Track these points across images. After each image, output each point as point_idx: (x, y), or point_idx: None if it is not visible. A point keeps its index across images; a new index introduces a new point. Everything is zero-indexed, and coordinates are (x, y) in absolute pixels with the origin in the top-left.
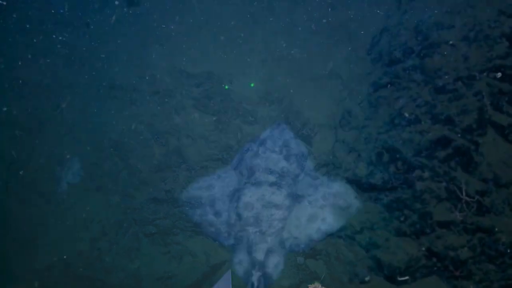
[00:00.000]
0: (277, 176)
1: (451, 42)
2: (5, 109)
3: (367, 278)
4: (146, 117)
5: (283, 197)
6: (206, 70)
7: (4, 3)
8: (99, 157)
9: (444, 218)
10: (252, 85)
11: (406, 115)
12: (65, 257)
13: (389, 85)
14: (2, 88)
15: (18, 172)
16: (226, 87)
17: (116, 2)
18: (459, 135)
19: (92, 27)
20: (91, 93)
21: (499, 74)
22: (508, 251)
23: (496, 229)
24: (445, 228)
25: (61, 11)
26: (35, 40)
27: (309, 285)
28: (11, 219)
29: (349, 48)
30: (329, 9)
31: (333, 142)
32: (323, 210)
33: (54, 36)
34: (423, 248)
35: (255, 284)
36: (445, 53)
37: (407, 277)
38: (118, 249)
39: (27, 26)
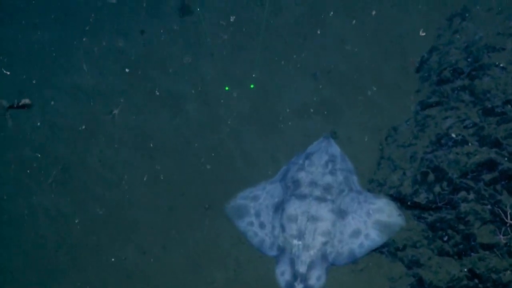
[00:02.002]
0: (322, 190)
1: (501, 65)
2: (56, 110)
3: None
4: (195, 127)
5: (327, 211)
6: (255, 82)
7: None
8: (149, 163)
9: (487, 241)
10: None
11: (453, 135)
12: (113, 259)
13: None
14: (58, 92)
15: (70, 175)
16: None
17: (170, 11)
18: (506, 159)
19: (146, 34)
20: (143, 99)
21: None
22: None
23: None
24: (488, 250)
25: (117, 18)
26: (91, 46)
27: None
28: (62, 221)
29: (398, 65)
30: (379, 25)
31: (378, 158)
32: (366, 225)
33: (109, 42)
34: (465, 269)
35: None
36: (495, 75)
37: None
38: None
39: (84, 32)
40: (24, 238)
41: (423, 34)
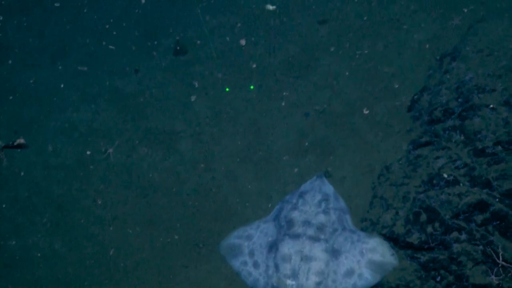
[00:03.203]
0: (316, 229)
1: (491, 106)
2: (51, 149)
3: None
4: (189, 166)
5: (320, 251)
6: (249, 121)
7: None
8: (143, 202)
9: (480, 281)
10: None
11: (445, 176)
12: None
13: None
14: (53, 131)
15: (65, 214)
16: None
17: (164, 50)
18: (497, 200)
19: (140, 73)
20: (138, 138)
21: None
22: None
23: None
24: None
25: (112, 57)
26: (85, 85)
27: None
28: (56, 261)
29: (390, 104)
30: (371, 64)
31: (371, 197)
32: (359, 265)
33: (104, 81)
34: None
35: None
36: (486, 116)
37: None
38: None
39: (78, 71)
40: (18, 277)
41: (367, 112)
